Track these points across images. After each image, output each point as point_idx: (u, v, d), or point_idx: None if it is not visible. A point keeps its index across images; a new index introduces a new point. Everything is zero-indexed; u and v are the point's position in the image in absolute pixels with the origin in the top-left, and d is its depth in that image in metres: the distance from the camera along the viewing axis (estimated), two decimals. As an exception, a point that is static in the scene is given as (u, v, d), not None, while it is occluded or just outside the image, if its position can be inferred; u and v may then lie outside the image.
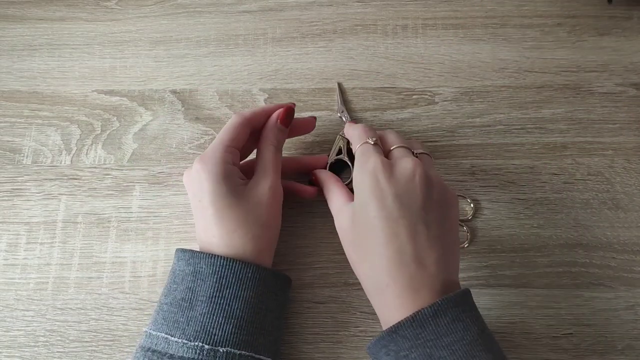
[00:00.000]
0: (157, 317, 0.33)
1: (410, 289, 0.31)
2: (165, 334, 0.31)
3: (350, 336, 0.39)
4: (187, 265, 0.34)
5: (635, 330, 0.38)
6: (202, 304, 0.32)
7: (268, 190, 0.36)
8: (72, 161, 0.45)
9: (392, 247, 0.31)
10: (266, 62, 0.48)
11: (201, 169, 0.35)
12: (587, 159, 0.44)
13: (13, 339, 0.39)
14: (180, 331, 0.31)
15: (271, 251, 0.37)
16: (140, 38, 0.49)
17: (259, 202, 0.35)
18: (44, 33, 0.50)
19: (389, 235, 0.32)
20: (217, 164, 0.35)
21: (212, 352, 0.30)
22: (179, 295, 0.33)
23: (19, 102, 0.47)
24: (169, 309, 0.33)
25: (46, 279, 0.41)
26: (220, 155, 0.35)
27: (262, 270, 0.34)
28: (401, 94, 0.46)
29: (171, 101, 0.47)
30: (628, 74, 0.47)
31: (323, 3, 0.50)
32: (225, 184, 0.34)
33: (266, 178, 0.36)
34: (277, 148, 0.38)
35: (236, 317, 0.32)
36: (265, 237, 0.35)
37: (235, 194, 0.34)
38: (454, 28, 0.49)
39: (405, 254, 0.31)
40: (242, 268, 0.33)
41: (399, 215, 0.32)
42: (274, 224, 0.37)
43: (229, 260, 0.33)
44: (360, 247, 0.34)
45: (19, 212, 0.43)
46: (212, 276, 0.32)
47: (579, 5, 0.50)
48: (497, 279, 0.40)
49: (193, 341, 0.31)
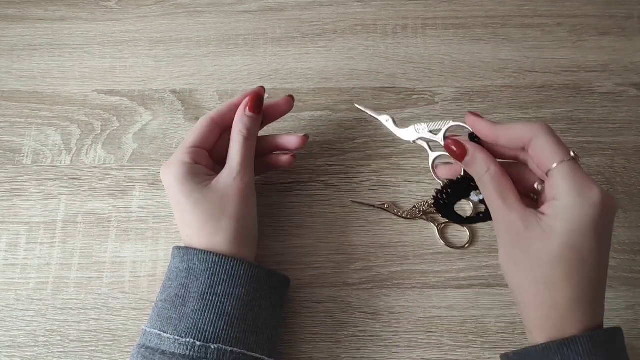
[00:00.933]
0: (153, 315, 0.33)
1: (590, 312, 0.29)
2: (158, 330, 0.32)
3: (349, 336, 0.39)
4: (181, 262, 0.34)
5: (635, 330, 0.38)
6: (194, 300, 0.32)
7: (233, 182, 0.35)
8: (72, 161, 0.45)
9: (583, 280, 0.29)
10: (266, 62, 0.48)
11: (164, 173, 0.36)
12: (587, 159, 0.44)
13: (13, 339, 0.39)
14: (172, 327, 0.31)
15: (247, 243, 0.36)
16: (140, 38, 0.49)
17: (225, 194, 0.35)
18: (44, 33, 0.50)
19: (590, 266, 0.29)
20: (177, 166, 0.35)
21: (204, 349, 0.31)
22: (173, 292, 0.33)
23: (19, 102, 0.47)
24: (163, 305, 0.33)
25: (46, 279, 0.41)
26: (180, 157, 0.36)
27: (255, 267, 0.34)
28: (401, 94, 0.46)
29: (171, 101, 0.47)
30: (628, 74, 0.47)
31: (323, 3, 0.50)
32: (188, 183, 0.34)
33: (232, 169, 0.36)
34: (246, 137, 0.37)
35: (228, 314, 0.32)
36: (235, 228, 0.35)
37: (200, 191, 0.34)
38: (454, 28, 0.49)
39: (588, 285, 0.29)
40: (234, 265, 0.33)
41: (601, 254, 0.29)
42: (243, 215, 0.35)
43: (221, 257, 0.33)
44: (540, 262, 0.29)
45: (19, 212, 0.43)
46: (204, 273, 0.33)
47: (579, 5, 0.50)
48: (497, 278, 0.40)
49: (185, 337, 0.31)
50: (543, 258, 0.29)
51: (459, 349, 0.38)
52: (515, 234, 0.30)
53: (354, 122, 0.45)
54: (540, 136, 0.30)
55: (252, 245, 0.37)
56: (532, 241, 0.29)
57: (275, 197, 0.43)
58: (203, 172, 0.36)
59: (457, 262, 0.41)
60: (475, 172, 0.32)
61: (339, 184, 0.43)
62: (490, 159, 0.32)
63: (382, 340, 0.39)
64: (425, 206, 0.42)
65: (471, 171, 0.33)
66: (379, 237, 0.41)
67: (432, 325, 0.39)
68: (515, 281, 0.31)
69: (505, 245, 0.31)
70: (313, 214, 0.42)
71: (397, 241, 0.41)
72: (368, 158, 0.44)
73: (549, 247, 0.29)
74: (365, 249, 0.41)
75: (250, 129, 0.37)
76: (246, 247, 0.36)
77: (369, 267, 0.41)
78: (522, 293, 0.31)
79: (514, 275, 0.31)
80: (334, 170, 0.44)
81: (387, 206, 0.42)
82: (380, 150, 0.44)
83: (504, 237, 0.31)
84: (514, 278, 0.31)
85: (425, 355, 0.38)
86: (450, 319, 0.39)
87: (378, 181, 0.43)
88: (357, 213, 0.42)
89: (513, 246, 0.30)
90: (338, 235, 0.42)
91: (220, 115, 0.38)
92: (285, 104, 0.40)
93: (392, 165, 0.44)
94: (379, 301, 0.40)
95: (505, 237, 0.31)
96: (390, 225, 0.42)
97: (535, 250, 0.29)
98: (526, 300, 0.30)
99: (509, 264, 0.31)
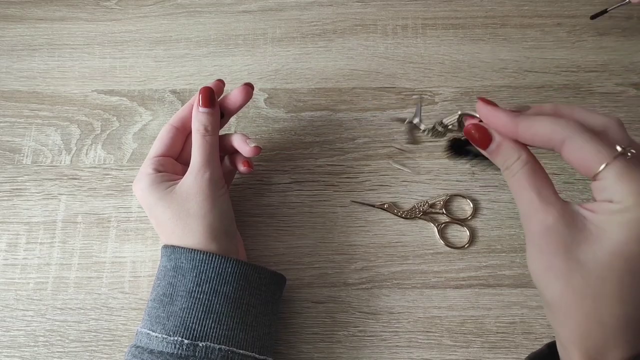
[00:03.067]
0: (144, 314, 0.34)
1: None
2: (147, 329, 0.32)
3: (349, 336, 0.39)
4: (168, 261, 0.34)
5: None
6: (182, 298, 0.32)
7: (194, 180, 0.35)
8: (72, 161, 0.45)
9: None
10: (266, 62, 0.48)
11: (134, 188, 0.36)
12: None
13: (13, 339, 0.39)
14: (160, 326, 0.32)
15: (221, 239, 0.35)
16: (140, 38, 0.49)
17: (188, 194, 0.35)
18: (44, 33, 0.50)
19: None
20: (142, 178, 0.36)
21: (192, 347, 0.31)
22: (161, 291, 0.33)
23: (19, 102, 0.47)
24: (152, 304, 0.33)
25: (46, 279, 0.41)
26: (144, 170, 0.36)
27: (243, 265, 0.34)
28: (401, 94, 0.46)
29: (171, 101, 0.47)
30: (628, 74, 0.47)
31: (323, 3, 0.50)
32: (154, 192, 0.35)
33: (192, 168, 0.36)
34: (203, 134, 0.36)
35: (216, 311, 0.32)
36: (203, 226, 0.34)
37: (165, 197, 0.35)
38: (454, 28, 0.49)
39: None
40: (221, 262, 0.33)
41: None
42: (209, 211, 0.34)
43: (208, 254, 0.33)
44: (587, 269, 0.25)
45: (19, 212, 0.43)
46: (192, 271, 0.33)
47: (578, 5, 0.50)
48: (497, 278, 0.40)
49: (173, 336, 0.31)
50: (589, 265, 0.24)
51: (459, 349, 0.38)
52: (553, 234, 0.25)
53: (354, 122, 0.45)
54: (574, 137, 0.25)
55: (228, 240, 0.36)
56: (575, 243, 0.25)
57: (276, 197, 0.43)
58: (167, 178, 0.36)
59: (457, 262, 0.41)
60: (503, 160, 0.28)
61: (339, 184, 0.43)
62: (521, 145, 0.27)
63: (382, 340, 0.39)
64: (425, 206, 0.42)
65: (497, 161, 0.28)
66: (379, 237, 0.41)
67: (432, 325, 0.39)
68: (550, 291, 0.26)
69: (539, 247, 0.26)
70: (313, 214, 0.42)
71: (397, 241, 0.41)
72: (368, 158, 0.44)
73: (598, 254, 0.24)
74: (365, 249, 0.41)
75: (206, 125, 0.36)
76: (220, 243, 0.35)
77: (369, 267, 0.41)
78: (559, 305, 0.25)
79: (550, 283, 0.25)
80: (334, 170, 0.44)
81: (387, 206, 0.42)
82: (380, 150, 0.44)
83: (537, 238, 0.26)
84: (549, 287, 0.26)
85: (425, 355, 0.38)
86: (450, 319, 0.39)
87: (378, 181, 0.43)
88: (357, 213, 0.42)
89: (549, 249, 0.25)
90: (338, 235, 0.42)
91: (180, 119, 0.38)
92: (241, 93, 0.38)
93: (392, 165, 0.44)
94: (379, 301, 0.40)
95: (539, 237, 0.26)
96: (390, 225, 0.42)
97: (580, 255, 0.24)
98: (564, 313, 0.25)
99: (543, 271, 0.26)
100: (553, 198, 0.26)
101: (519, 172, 0.27)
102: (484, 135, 0.28)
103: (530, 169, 0.26)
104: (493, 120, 0.28)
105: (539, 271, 0.26)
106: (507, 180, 0.28)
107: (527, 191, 0.26)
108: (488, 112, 0.28)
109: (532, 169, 0.26)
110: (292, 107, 0.46)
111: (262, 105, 0.46)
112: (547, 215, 0.25)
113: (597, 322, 0.25)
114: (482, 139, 0.28)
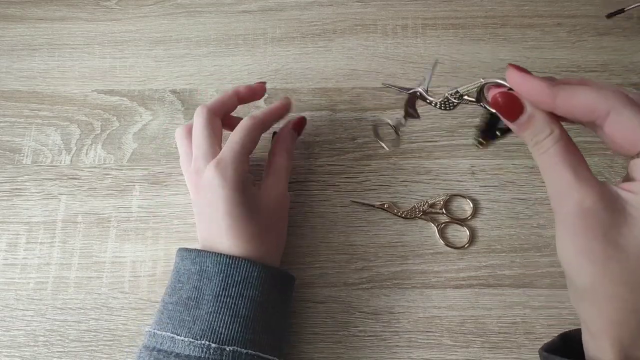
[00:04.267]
0: (162, 317, 0.33)
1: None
2: (171, 333, 0.31)
3: (350, 336, 0.39)
4: (192, 264, 0.34)
5: (635, 330, 0.38)
6: (208, 302, 0.32)
7: (279, 197, 0.37)
8: (72, 161, 0.44)
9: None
10: (266, 62, 0.48)
11: (219, 175, 0.33)
12: (587, 159, 0.43)
13: (13, 339, 0.39)
14: (186, 330, 0.31)
15: (279, 254, 0.38)
16: (140, 38, 0.49)
17: (271, 208, 0.36)
18: (44, 33, 0.50)
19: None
20: (236, 172, 0.34)
21: (219, 351, 0.30)
22: (185, 294, 0.33)
23: (19, 102, 0.47)
24: (174, 307, 0.33)
25: (46, 279, 0.41)
26: (240, 163, 0.35)
27: (268, 269, 0.34)
28: (401, 94, 0.46)
29: (171, 101, 0.47)
30: (628, 74, 0.47)
31: (323, 3, 0.50)
32: (242, 193, 0.34)
33: (278, 184, 0.37)
34: (289, 154, 0.39)
35: (242, 315, 0.32)
36: (274, 241, 0.36)
37: (250, 202, 0.34)
38: (454, 28, 0.49)
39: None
40: (248, 267, 0.33)
41: None
42: (282, 228, 0.38)
43: (234, 259, 0.33)
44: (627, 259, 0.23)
45: (19, 212, 0.43)
46: (218, 275, 0.32)
47: (578, 5, 0.50)
48: (497, 278, 0.40)
49: (199, 340, 0.31)
50: (628, 250, 0.22)
51: (459, 349, 0.38)
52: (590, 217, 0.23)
53: (354, 122, 0.45)
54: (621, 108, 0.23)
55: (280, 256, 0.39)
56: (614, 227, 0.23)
57: (275, 197, 0.43)
58: (251, 181, 0.37)
59: (457, 262, 0.41)
60: (532, 135, 0.25)
61: (339, 184, 0.43)
62: (554, 119, 0.25)
63: (382, 340, 0.39)
64: (425, 206, 0.42)
65: (526, 135, 0.25)
66: (379, 237, 0.41)
67: (432, 325, 0.39)
68: (583, 276, 0.24)
69: (573, 229, 0.24)
70: (313, 214, 0.42)
71: (397, 241, 0.41)
72: (368, 158, 0.44)
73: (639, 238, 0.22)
74: (365, 249, 0.41)
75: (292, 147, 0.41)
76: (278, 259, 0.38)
77: (369, 267, 0.41)
78: (592, 290, 0.24)
79: (583, 268, 0.24)
80: (334, 170, 0.44)
81: (387, 206, 0.42)
82: (380, 150, 0.44)
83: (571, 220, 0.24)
84: (581, 272, 0.24)
85: (425, 355, 0.38)
86: (450, 319, 0.39)
87: (378, 181, 0.43)
88: (357, 213, 0.42)
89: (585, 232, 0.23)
90: (338, 235, 0.42)
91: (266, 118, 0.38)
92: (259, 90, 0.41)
93: (392, 165, 0.44)
94: (379, 301, 0.40)
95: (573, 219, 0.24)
96: (390, 225, 0.42)
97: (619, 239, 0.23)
98: (597, 300, 0.24)
99: (575, 255, 0.24)
100: (590, 177, 0.24)
101: (551, 148, 0.24)
102: (515, 104, 0.25)
103: (564, 146, 0.24)
104: (526, 88, 0.25)
105: (571, 255, 0.24)
106: (535, 157, 0.25)
107: (560, 169, 0.24)
108: (521, 80, 0.25)
109: (566, 146, 0.24)
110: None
111: (262, 105, 0.46)
112: (585, 196, 0.23)
113: (633, 310, 0.23)
114: (511, 109, 0.25)
